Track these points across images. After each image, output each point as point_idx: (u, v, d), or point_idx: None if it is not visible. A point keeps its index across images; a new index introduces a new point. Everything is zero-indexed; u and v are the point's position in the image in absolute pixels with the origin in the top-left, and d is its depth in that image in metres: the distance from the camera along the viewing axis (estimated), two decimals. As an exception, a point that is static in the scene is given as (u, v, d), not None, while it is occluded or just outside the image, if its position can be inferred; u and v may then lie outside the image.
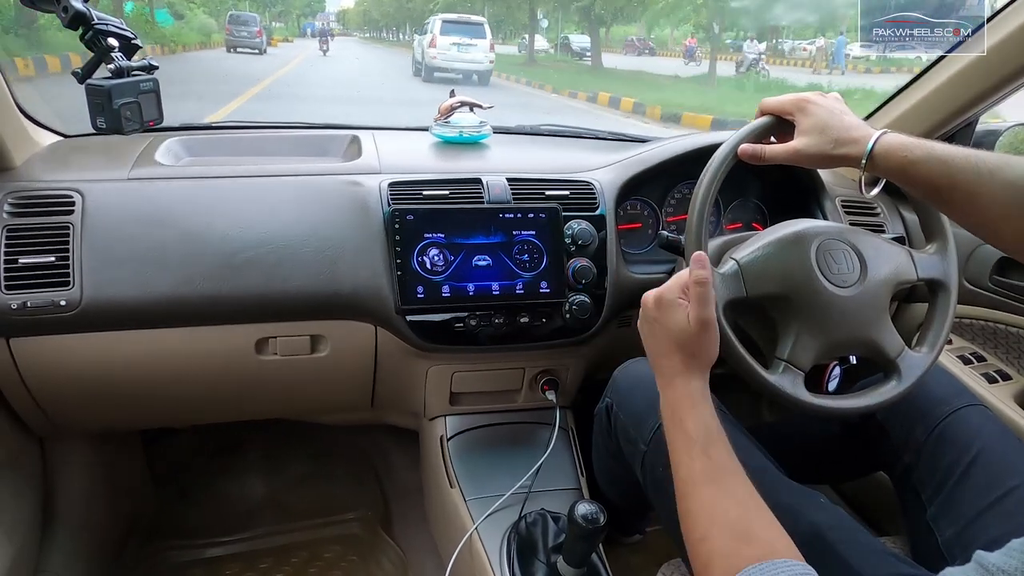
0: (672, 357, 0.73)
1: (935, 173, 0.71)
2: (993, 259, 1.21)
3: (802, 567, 0.55)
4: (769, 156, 0.83)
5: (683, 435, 0.68)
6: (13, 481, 1.08)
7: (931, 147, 0.72)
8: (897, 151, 0.74)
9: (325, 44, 21.60)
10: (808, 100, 0.82)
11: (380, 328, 1.05)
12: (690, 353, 0.72)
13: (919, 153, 0.72)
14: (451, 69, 12.87)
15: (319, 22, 48.21)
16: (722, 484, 0.64)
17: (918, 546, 0.87)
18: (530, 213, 1.06)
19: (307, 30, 25.69)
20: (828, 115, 0.79)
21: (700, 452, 0.66)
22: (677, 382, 0.72)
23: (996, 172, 0.68)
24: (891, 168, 0.75)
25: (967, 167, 0.69)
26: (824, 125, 0.79)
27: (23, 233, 0.93)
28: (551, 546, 1.00)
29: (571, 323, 1.07)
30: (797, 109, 0.82)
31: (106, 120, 0.86)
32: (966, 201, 0.70)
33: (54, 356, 0.96)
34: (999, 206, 0.68)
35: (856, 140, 0.76)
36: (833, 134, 0.78)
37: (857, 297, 0.84)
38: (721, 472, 0.65)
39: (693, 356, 0.72)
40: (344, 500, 1.54)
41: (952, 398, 0.90)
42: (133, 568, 1.32)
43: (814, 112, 0.80)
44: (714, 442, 0.67)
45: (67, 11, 0.83)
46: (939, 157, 0.71)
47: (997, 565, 0.45)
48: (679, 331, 0.72)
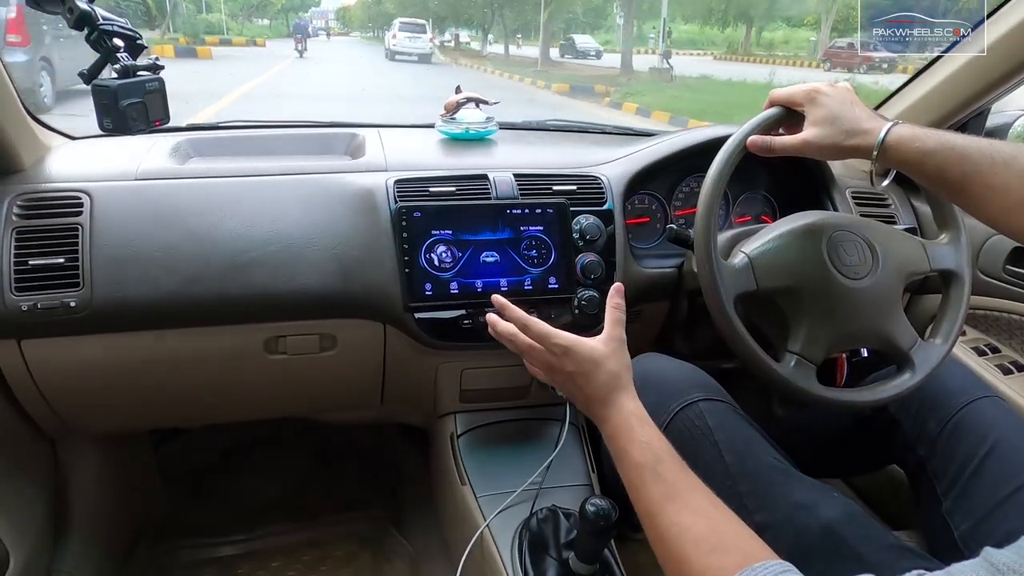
0: (593, 400, 0.74)
1: (948, 164, 0.71)
2: (1007, 249, 1.19)
3: (780, 565, 0.54)
4: (779, 147, 0.83)
5: (631, 465, 0.67)
6: (25, 482, 1.09)
7: (943, 137, 0.72)
8: (909, 142, 0.73)
9: (301, 44, 18.55)
10: (818, 91, 0.81)
11: (389, 326, 1.05)
12: (604, 380, 0.73)
13: (931, 144, 0.72)
14: (404, 52, 19.27)
15: (319, 20, 43.48)
16: (681, 499, 0.62)
17: (933, 540, 0.86)
18: (537, 208, 1.05)
19: (301, 28, 21.19)
20: (839, 106, 0.79)
21: (651, 475, 0.65)
22: (610, 417, 0.72)
23: (1011, 162, 0.67)
24: (903, 159, 0.74)
25: (980, 158, 0.69)
26: (835, 116, 0.78)
27: (32, 235, 0.93)
28: (563, 543, 0.99)
29: (580, 318, 1.07)
30: (807, 100, 0.81)
31: (113, 121, 0.86)
32: (980, 192, 0.70)
33: (65, 357, 0.97)
34: (1014, 197, 0.67)
35: (867, 131, 0.76)
36: (844, 125, 0.77)
37: (869, 289, 0.83)
38: (677, 489, 0.63)
39: (608, 382, 0.73)
40: (354, 498, 1.54)
41: (966, 390, 0.89)
42: (144, 567, 1.33)
43: (824, 103, 0.79)
44: (662, 460, 0.66)
45: (72, 12, 0.83)
46: (952, 147, 0.70)
47: (1006, 563, 0.44)
48: (589, 356, 0.74)
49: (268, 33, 30.90)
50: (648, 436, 0.68)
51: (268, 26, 36.04)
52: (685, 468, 0.66)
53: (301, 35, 18.99)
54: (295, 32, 20.03)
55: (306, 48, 18.82)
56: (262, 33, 29.40)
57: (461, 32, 27.21)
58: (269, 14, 36.35)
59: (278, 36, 29.60)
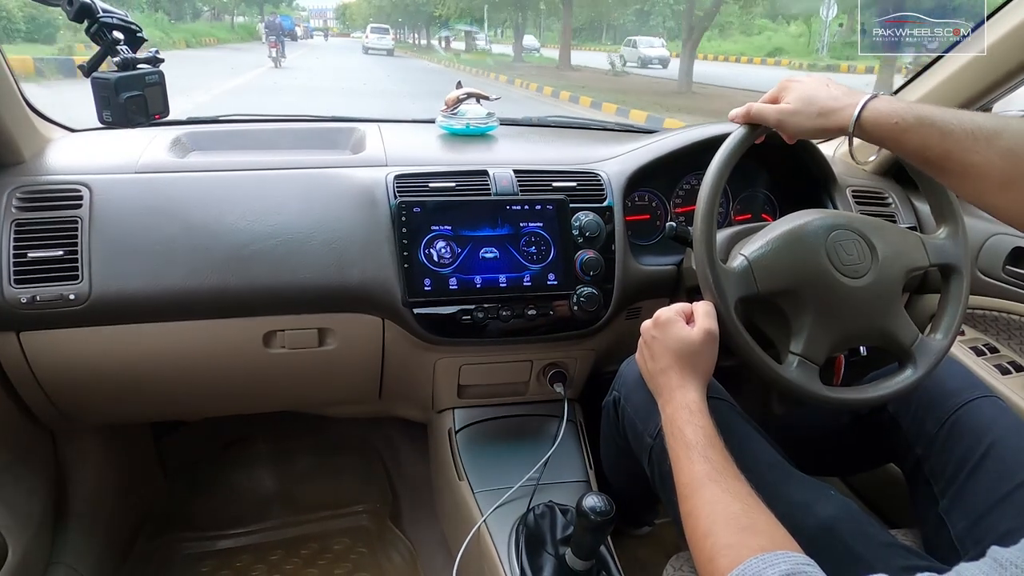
0: (669, 372, 0.78)
1: (928, 141, 0.69)
2: (1006, 249, 1.19)
3: (803, 558, 0.55)
4: (755, 113, 0.83)
5: (682, 442, 0.71)
6: (25, 474, 1.09)
7: (923, 112, 0.69)
8: (887, 117, 0.71)
9: (276, 48, 14.13)
10: (791, 79, 0.83)
11: (387, 321, 1.05)
12: (689, 364, 0.77)
13: (910, 119, 0.70)
14: (374, 48, 23.65)
15: (317, 20, 39.92)
16: (722, 483, 0.65)
17: (930, 539, 0.86)
18: (537, 205, 1.05)
19: (275, 27, 15.55)
20: (814, 86, 0.79)
21: (699, 456, 0.69)
22: (676, 396, 0.76)
23: (993, 139, 0.65)
24: (882, 135, 0.73)
25: (962, 134, 0.66)
26: (809, 96, 0.78)
27: (32, 227, 0.93)
28: (559, 538, 1.00)
29: (579, 315, 1.07)
30: (782, 88, 0.83)
31: (112, 114, 0.86)
32: (962, 170, 0.67)
33: (64, 350, 0.97)
34: (997, 174, 0.65)
35: (843, 107, 0.75)
36: (819, 103, 0.77)
37: (870, 287, 0.83)
38: (720, 473, 0.67)
39: (692, 368, 0.77)
40: (353, 493, 1.54)
41: (964, 390, 0.89)
42: (144, 560, 1.33)
43: (797, 87, 0.81)
44: (713, 446, 0.70)
45: (72, 4, 0.83)
46: (932, 123, 0.68)
47: (1012, 561, 0.45)
48: (679, 341, 0.78)
49: (237, 35, 25.70)
50: (704, 424, 0.72)
51: (244, 25, 30.25)
52: (730, 459, 0.69)
53: (275, 36, 14.44)
54: (268, 32, 15.44)
55: (284, 54, 14.69)
56: (225, 36, 23.84)
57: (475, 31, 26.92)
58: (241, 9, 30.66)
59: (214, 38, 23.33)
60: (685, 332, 0.79)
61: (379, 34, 24.98)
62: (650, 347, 0.82)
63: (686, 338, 0.78)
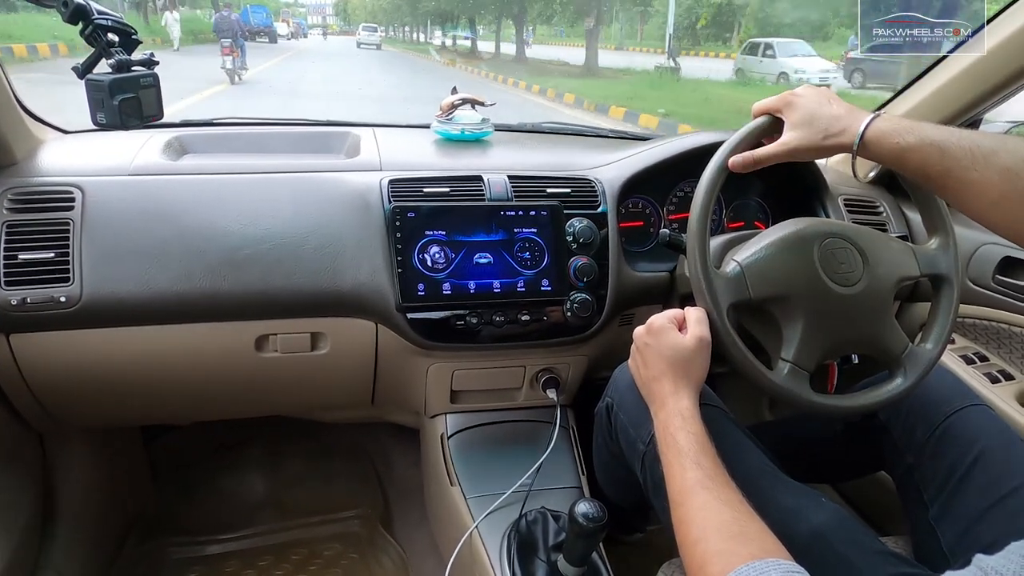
0: (662, 379, 0.78)
1: (928, 160, 0.71)
2: (996, 259, 1.20)
3: (793, 566, 0.55)
4: (762, 158, 0.84)
5: (675, 449, 0.71)
6: (13, 477, 1.08)
7: (924, 131, 0.71)
8: (890, 137, 0.73)
9: (232, 54, 10.21)
10: (793, 94, 0.82)
11: (381, 326, 1.05)
12: (682, 371, 0.78)
13: (912, 139, 0.72)
14: (365, 43, 28.50)
15: (315, 16, 38.79)
16: (714, 490, 0.65)
17: (920, 546, 0.86)
18: (531, 211, 1.05)
19: (229, 24, 10.80)
20: (815, 106, 0.79)
21: (691, 463, 0.69)
22: (668, 402, 0.76)
23: (991, 157, 0.67)
24: (884, 154, 0.75)
25: (961, 153, 0.68)
26: (812, 116, 0.79)
27: (23, 229, 0.92)
28: (551, 545, 1.00)
29: (572, 321, 1.07)
30: (783, 104, 0.82)
31: (106, 115, 0.85)
32: (961, 188, 0.70)
33: (54, 352, 0.96)
34: (994, 192, 0.67)
35: (846, 128, 0.76)
36: (822, 124, 0.78)
37: (860, 295, 0.83)
38: (712, 480, 0.67)
39: (684, 374, 0.77)
40: (344, 498, 1.54)
41: (954, 398, 0.89)
42: (133, 565, 1.32)
43: (800, 104, 0.80)
44: (705, 453, 0.70)
45: (67, 5, 0.82)
46: (932, 142, 0.70)
47: (996, 568, 0.45)
48: (671, 348, 0.79)
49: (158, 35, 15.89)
50: (696, 430, 0.72)
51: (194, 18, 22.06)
52: (722, 466, 0.69)
53: (231, 41, 10.42)
54: (219, 33, 11.08)
55: (244, 64, 11.04)
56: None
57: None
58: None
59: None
60: (678, 339, 0.79)
61: (369, 31, 31.42)
62: (643, 354, 0.83)
63: (679, 345, 0.78)
